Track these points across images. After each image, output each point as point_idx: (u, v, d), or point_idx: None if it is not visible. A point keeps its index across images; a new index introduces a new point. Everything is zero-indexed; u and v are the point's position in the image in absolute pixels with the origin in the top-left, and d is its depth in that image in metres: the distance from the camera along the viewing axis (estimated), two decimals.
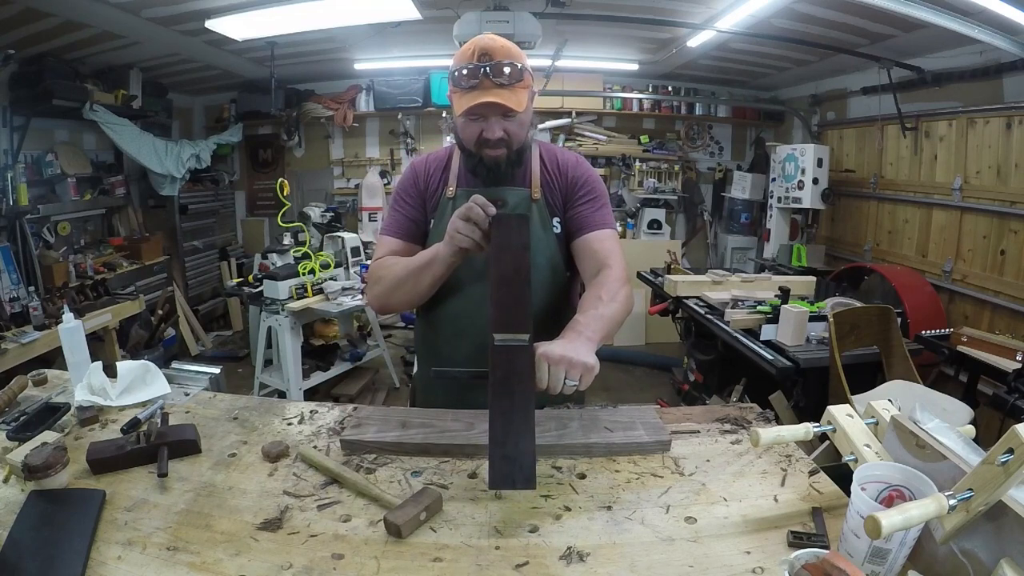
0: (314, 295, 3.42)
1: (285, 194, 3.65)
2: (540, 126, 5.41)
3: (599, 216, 1.32)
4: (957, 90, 3.40)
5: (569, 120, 5.40)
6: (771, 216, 4.53)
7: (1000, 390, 2.16)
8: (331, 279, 3.55)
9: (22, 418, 1.14)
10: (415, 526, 0.84)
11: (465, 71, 1.16)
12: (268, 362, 3.68)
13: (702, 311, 2.98)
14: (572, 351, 0.96)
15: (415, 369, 1.58)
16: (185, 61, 4.30)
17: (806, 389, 2.39)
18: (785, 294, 2.76)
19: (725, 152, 5.75)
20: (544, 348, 0.95)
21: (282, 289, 3.33)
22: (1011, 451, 0.63)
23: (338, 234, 3.90)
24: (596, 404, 1.38)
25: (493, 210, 1.05)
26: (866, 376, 2.39)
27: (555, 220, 1.33)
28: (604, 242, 1.29)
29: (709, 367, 3.31)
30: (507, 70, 1.16)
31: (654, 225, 5.38)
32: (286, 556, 0.78)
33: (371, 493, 0.91)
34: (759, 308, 2.73)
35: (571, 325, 1.06)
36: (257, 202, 5.86)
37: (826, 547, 0.78)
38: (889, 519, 0.63)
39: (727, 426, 1.16)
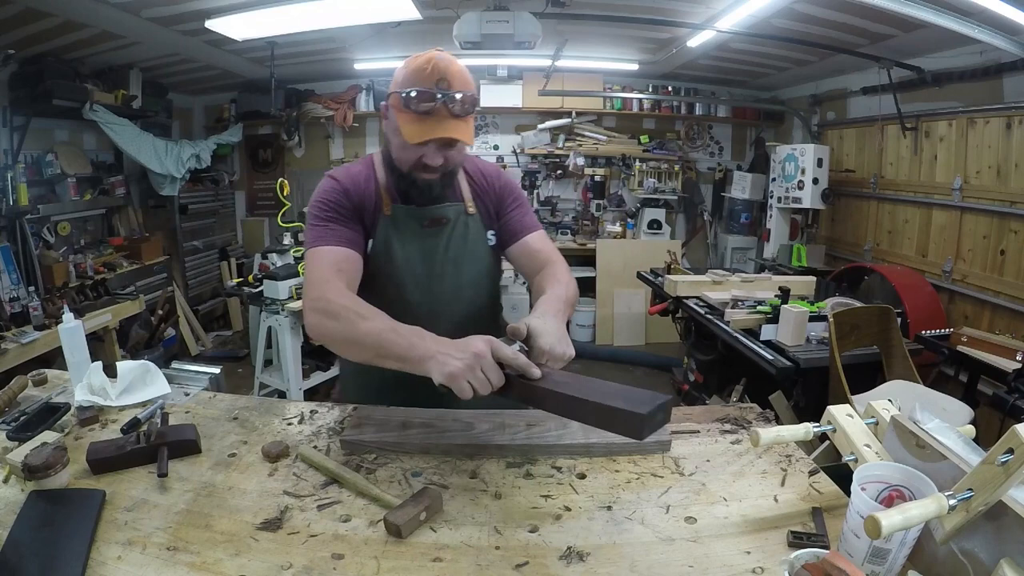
0: None
1: (285, 194, 3.66)
2: (540, 126, 5.41)
3: (529, 220, 1.37)
4: (957, 90, 3.40)
5: (569, 120, 5.40)
6: (771, 216, 4.53)
7: (1000, 390, 2.16)
8: None
9: (22, 418, 1.14)
10: (415, 526, 0.84)
11: (422, 96, 1.10)
12: (268, 362, 3.68)
13: (702, 311, 2.98)
14: (561, 347, 0.98)
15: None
16: (185, 61, 4.30)
17: (806, 389, 2.39)
18: (785, 294, 2.76)
19: (725, 152, 5.75)
20: (543, 343, 0.96)
21: (282, 289, 3.33)
22: (1011, 451, 0.63)
23: None
24: None
25: (537, 373, 0.91)
26: (866, 376, 2.39)
27: (490, 233, 1.35)
28: (541, 242, 1.35)
29: (709, 367, 3.31)
30: (464, 101, 1.12)
31: (654, 225, 5.38)
32: (286, 556, 0.78)
33: (371, 493, 0.91)
34: (759, 308, 2.73)
35: (548, 310, 1.07)
36: (257, 202, 5.86)
37: (826, 547, 0.78)
38: (889, 519, 0.63)
39: (727, 426, 1.16)
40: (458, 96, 1.11)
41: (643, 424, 0.79)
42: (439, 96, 1.10)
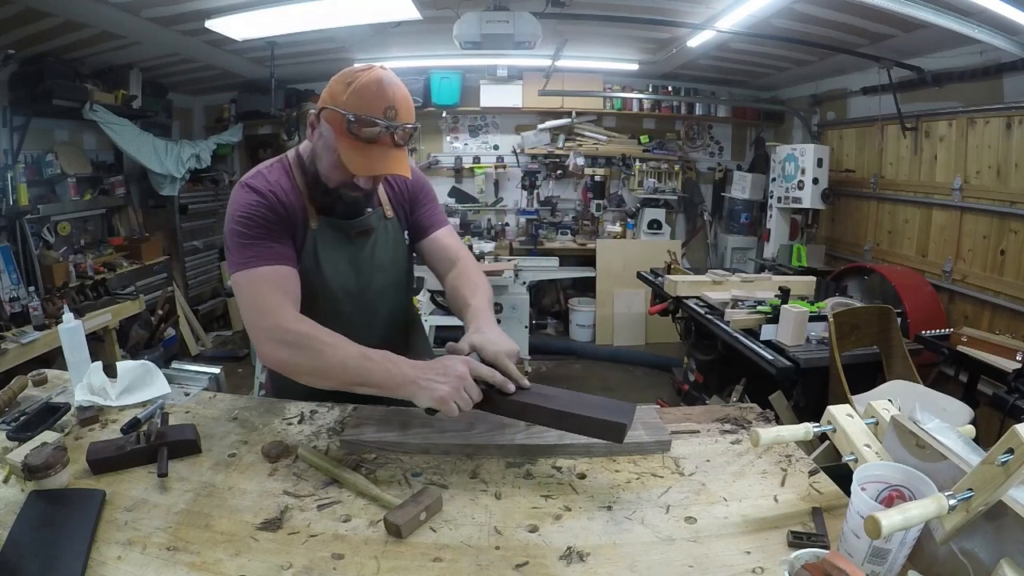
0: None
1: None
2: (540, 126, 5.41)
3: (438, 215, 1.40)
4: (957, 90, 3.40)
5: (569, 120, 5.41)
6: (771, 216, 4.53)
7: (1000, 390, 2.16)
8: None
9: (22, 418, 1.14)
10: (415, 526, 0.84)
11: (368, 124, 1.05)
12: None
13: (702, 311, 2.98)
14: (507, 346, 1.08)
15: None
16: (185, 61, 4.30)
17: (806, 389, 2.39)
18: (785, 294, 2.76)
19: (725, 152, 5.75)
20: (490, 354, 1.04)
21: None
22: (1011, 451, 0.63)
23: None
24: None
25: (512, 387, 1.01)
26: (866, 376, 2.39)
27: (405, 233, 1.37)
28: (450, 238, 1.39)
29: (709, 367, 3.31)
30: (408, 133, 1.10)
31: (654, 225, 5.38)
32: (286, 556, 0.78)
33: (371, 493, 0.91)
34: (759, 308, 2.73)
35: (482, 325, 1.15)
36: None
37: (826, 547, 0.78)
38: (889, 519, 0.63)
39: (727, 426, 1.16)
40: (406, 127, 1.09)
41: (624, 430, 0.95)
42: (386, 127, 1.05)
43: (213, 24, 3.27)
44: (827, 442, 1.18)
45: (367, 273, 1.29)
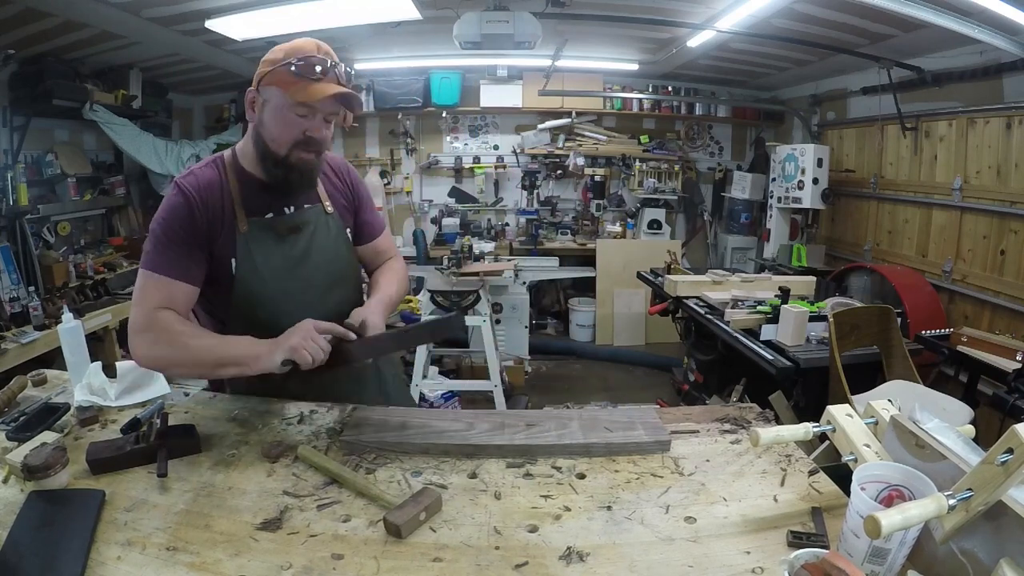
0: None
1: None
2: (540, 126, 5.41)
3: (378, 221, 1.48)
4: (957, 90, 3.40)
5: (569, 120, 5.40)
6: (771, 216, 4.53)
7: (1000, 390, 2.16)
8: None
9: (22, 418, 1.14)
10: (415, 526, 0.84)
11: (312, 60, 1.11)
12: None
13: (702, 311, 2.98)
14: (374, 321, 1.20)
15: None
16: (185, 61, 4.30)
17: (806, 389, 2.39)
18: (785, 294, 2.76)
19: (725, 152, 5.75)
20: (361, 317, 1.17)
21: None
22: (1011, 451, 0.63)
23: None
24: (596, 404, 1.39)
25: (352, 336, 1.13)
26: (866, 376, 2.39)
27: (348, 231, 1.37)
28: (387, 242, 1.50)
29: (709, 367, 3.31)
30: (347, 73, 1.17)
31: (654, 225, 5.38)
32: (286, 556, 0.79)
33: (371, 493, 0.91)
34: (759, 308, 2.73)
35: (374, 308, 1.25)
36: None
37: (826, 547, 0.78)
38: (889, 519, 0.63)
39: (727, 426, 1.16)
40: (342, 66, 1.16)
41: (460, 318, 1.27)
42: (330, 64, 1.13)
43: (213, 24, 3.27)
44: (827, 442, 1.18)
45: (306, 271, 1.27)
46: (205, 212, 1.16)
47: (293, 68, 1.10)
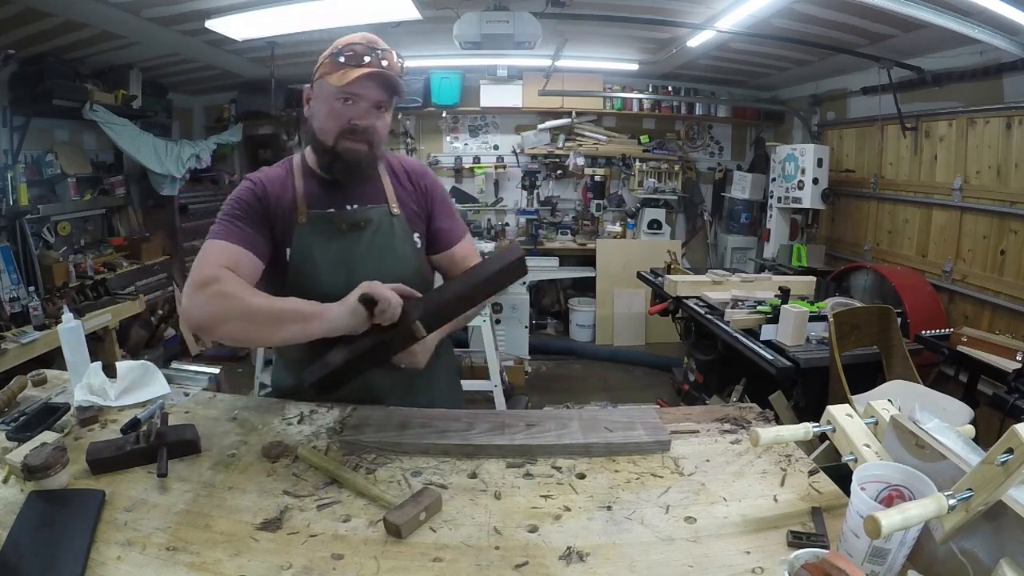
0: None
1: None
2: (540, 126, 5.41)
3: (458, 228, 1.39)
4: (957, 90, 3.40)
5: (569, 120, 5.40)
6: (771, 216, 4.53)
7: (1000, 390, 2.16)
8: None
9: (22, 418, 1.14)
10: (415, 526, 0.84)
11: (354, 49, 1.13)
12: (268, 362, 3.67)
13: (702, 311, 2.98)
14: (423, 352, 1.16)
15: (272, 372, 1.46)
16: (185, 61, 4.30)
17: (806, 389, 2.39)
18: (785, 294, 2.76)
19: (725, 152, 5.75)
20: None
21: None
22: (1011, 451, 0.63)
23: None
24: (596, 404, 1.39)
25: (418, 294, 1.10)
26: (866, 376, 2.39)
27: (416, 235, 1.32)
28: (464, 250, 1.39)
29: (709, 367, 3.31)
30: (390, 61, 1.16)
31: (654, 225, 5.38)
32: (286, 556, 0.78)
33: (371, 493, 0.91)
34: (759, 308, 2.73)
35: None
36: None
37: (826, 547, 0.78)
38: (889, 519, 0.63)
39: (727, 426, 1.16)
40: (388, 56, 1.15)
41: (522, 261, 1.12)
42: (372, 51, 1.13)
43: (213, 24, 3.27)
44: (827, 442, 1.18)
45: (361, 269, 1.22)
46: (269, 201, 1.20)
47: (338, 58, 1.13)
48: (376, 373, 1.19)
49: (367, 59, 1.13)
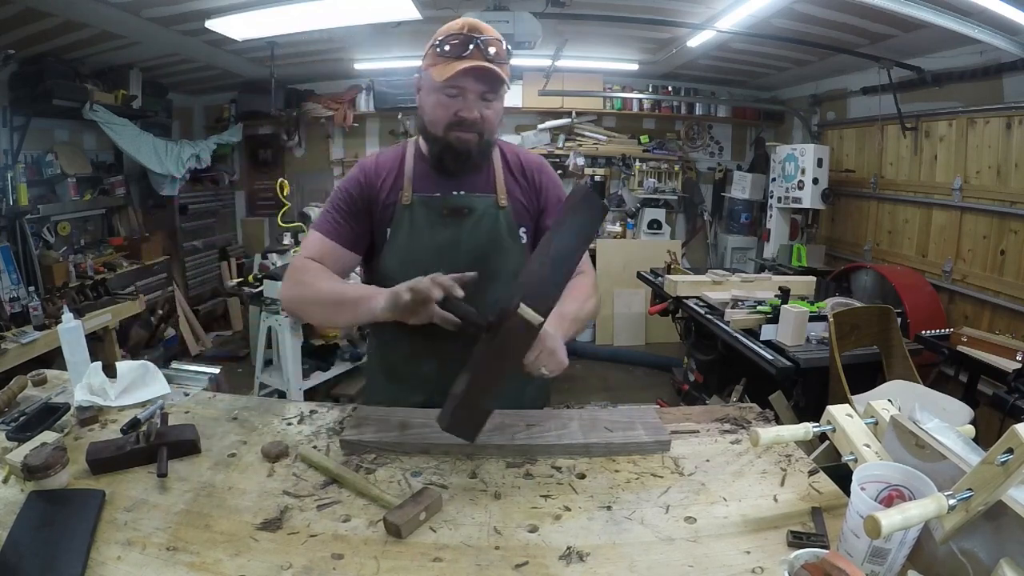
0: None
1: (285, 194, 3.66)
2: (540, 126, 5.41)
3: None
4: (957, 90, 3.40)
5: (569, 120, 5.40)
6: (771, 216, 4.53)
7: (1000, 390, 2.16)
8: None
9: (22, 418, 1.14)
10: (415, 526, 0.84)
11: (455, 40, 1.11)
12: (268, 362, 3.68)
13: (702, 311, 2.98)
14: (560, 347, 1.05)
15: (366, 387, 1.48)
16: (185, 61, 4.30)
17: (806, 389, 2.39)
18: (785, 294, 2.76)
19: (725, 152, 5.74)
20: (543, 333, 0.98)
21: None
22: (1011, 451, 0.63)
23: None
24: (596, 404, 1.39)
25: (460, 293, 0.99)
26: (866, 376, 2.39)
27: (522, 230, 1.29)
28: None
29: (709, 367, 3.31)
30: (496, 48, 1.14)
31: (654, 225, 5.38)
32: (286, 556, 0.78)
33: (371, 493, 0.91)
34: (759, 308, 2.73)
35: (556, 317, 1.05)
36: (257, 202, 5.86)
37: (826, 547, 0.78)
38: (889, 519, 0.63)
39: (727, 426, 1.16)
40: (492, 43, 1.13)
41: (595, 198, 1.00)
42: (473, 40, 1.12)
43: (213, 24, 3.27)
44: (827, 442, 1.18)
45: (462, 255, 1.21)
46: (376, 182, 1.25)
47: (439, 49, 1.13)
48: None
49: (469, 48, 1.11)
